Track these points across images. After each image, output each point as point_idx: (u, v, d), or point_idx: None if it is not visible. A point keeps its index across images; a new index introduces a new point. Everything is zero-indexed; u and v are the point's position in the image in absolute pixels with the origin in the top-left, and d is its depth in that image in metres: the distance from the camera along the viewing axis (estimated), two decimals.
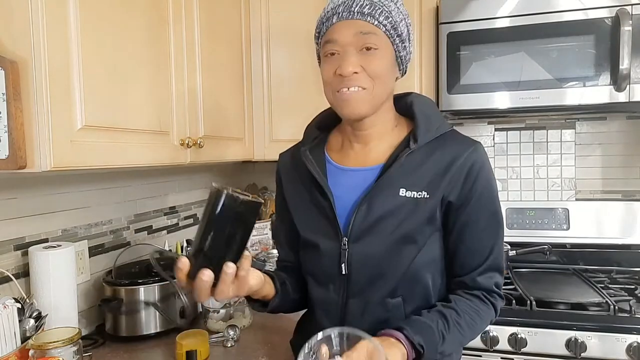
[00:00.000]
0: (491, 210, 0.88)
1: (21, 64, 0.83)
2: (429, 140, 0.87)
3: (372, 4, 0.82)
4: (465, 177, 0.85)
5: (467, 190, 0.85)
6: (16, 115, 0.82)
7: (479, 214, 0.86)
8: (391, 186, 0.85)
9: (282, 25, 1.77)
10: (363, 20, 0.82)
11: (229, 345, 1.25)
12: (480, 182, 0.85)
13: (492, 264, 0.88)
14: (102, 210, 1.43)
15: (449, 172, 0.85)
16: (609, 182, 1.93)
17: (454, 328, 0.82)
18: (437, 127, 0.89)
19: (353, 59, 0.81)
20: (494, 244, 0.88)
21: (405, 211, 0.84)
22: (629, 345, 1.30)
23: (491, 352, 1.40)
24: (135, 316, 1.30)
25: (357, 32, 0.81)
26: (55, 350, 0.96)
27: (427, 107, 0.92)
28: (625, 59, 1.44)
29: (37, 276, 1.13)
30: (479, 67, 1.61)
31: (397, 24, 0.84)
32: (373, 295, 0.86)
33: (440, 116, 0.92)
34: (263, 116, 1.80)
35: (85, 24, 0.94)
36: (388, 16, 0.82)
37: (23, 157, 0.83)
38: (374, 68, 0.82)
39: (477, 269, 0.87)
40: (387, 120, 0.91)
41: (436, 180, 0.85)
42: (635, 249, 1.81)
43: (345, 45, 0.82)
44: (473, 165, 0.85)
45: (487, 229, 0.88)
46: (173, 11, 1.24)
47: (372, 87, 0.83)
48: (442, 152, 0.86)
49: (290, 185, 0.99)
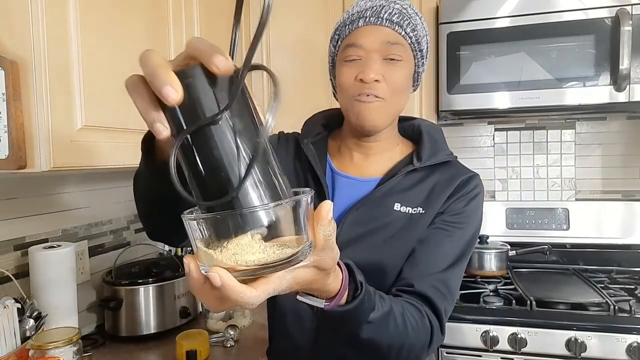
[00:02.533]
0: (465, 232, 0.82)
1: (21, 64, 0.83)
2: (433, 163, 0.84)
3: (400, 14, 0.80)
4: (460, 195, 0.82)
5: (456, 204, 0.82)
6: (16, 115, 0.82)
7: (454, 229, 0.81)
8: (386, 200, 0.82)
9: (282, 28, 1.77)
10: (391, 29, 0.79)
11: (229, 345, 1.26)
12: (470, 205, 0.82)
13: (448, 281, 0.78)
14: (102, 210, 1.43)
15: (447, 189, 0.83)
16: (609, 182, 1.93)
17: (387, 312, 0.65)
18: (443, 154, 0.86)
19: (377, 66, 0.78)
20: (456, 262, 0.79)
21: (399, 226, 0.81)
22: (629, 345, 1.30)
23: (491, 352, 1.40)
24: (135, 316, 1.30)
25: (385, 41, 0.78)
26: (55, 350, 0.96)
27: (434, 132, 0.90)
28: (625, 59, 1.44)
29: (37, 276, 1.13)
30: (479, 67, 1.61)
31: (421, 38, 0.83)
32: None
33: (446, 144, 0.90)
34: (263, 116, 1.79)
35: (85, 24, 0.94)
36: (414, 29, 0.81)
37: (23, 157, 0.83)
38: (395, 79, 0.79)
39: (432, 274, 0.77)
40: (392, 136, 0.89)
41: (433, 197, 0.82)
42: (635, 249, 1.81)
43: (370, 51, 0.79)
44: (470, 188, 0.83)
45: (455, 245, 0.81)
46: (173, 11, 1.24)
47: (390, 98, 0.80)
48: (442, 173, 0.85)
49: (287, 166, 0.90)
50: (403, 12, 0.80)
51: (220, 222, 0.38)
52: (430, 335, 0.72)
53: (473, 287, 1.63)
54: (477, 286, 1.63)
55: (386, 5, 0.80)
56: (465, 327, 1.42)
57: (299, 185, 0.86)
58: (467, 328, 1.42)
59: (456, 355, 1.44)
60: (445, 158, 0.86)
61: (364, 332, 0.61)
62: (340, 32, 0.84)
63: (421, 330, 0.71)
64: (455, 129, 2.06)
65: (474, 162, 2.05)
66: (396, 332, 0.66)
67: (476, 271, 1.73)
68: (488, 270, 1.71)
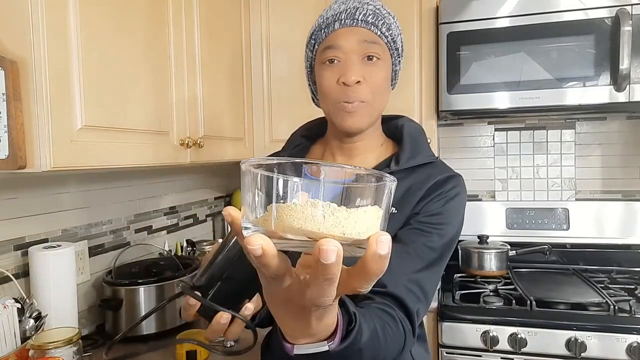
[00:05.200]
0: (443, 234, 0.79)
1: (21, 64, 0.83)
2: (410, 166, 0.84)
3: (375, 14, 0.81)
4: (437, 194, 0.80)
5: (433, 204, 0.80)
6: (16, 115, 0.82)
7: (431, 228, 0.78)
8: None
9: (282, 26, 1.77)
10: (367, 29, 0.80)
11: (229, 346, 1.26)
12: (448, 205, 0.80)
13: (422, 282, 0.75)
14: (102, 210, 1.43)
15: (421, 190, 0.81)
16: (609, 182, 1.93)
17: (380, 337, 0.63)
18: (423, 156, 0.85)
19: (357, 67, 0.79)
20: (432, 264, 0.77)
21: None
22: (629, 345, 1.30)
23: (491, 352, 1.40)
24: (135, 316, 1.30)
25: (362, 40, 0.79)
26: (55, 350, 0.96)
27: (416, 134, 0.89)
28: (625, 59, 1.44)
29: (37, 276, 1.13)
30: (479, 67, 1.61)
31: (396, 37, 0.84)
32: None
33: (427, 146, 0.89)
34: (263, 116, 1.80)
35: (85, 24, 0.94)
36: (389, 28, 0.82)
37: (23, 157, 0.83)
38: (375, 79, 0.80)
39: (405, 274, 0.74)
40: (376, 137, 0.89)
41: (407, 198, 0.81)
42: (635, 249, 1.81)
43: (348, 52, 0.80)
44: (447, 188, 0.81)
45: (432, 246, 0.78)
46: (173, 12, 1.24)
47: (373, 100, 0.81)
48: (420, 173, 0.83)
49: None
50: (377, 13, 0.81)
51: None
52: (403, 340, 0.70)
53: (473, 287, 1.63)
54: (477, 286, 1.63)
55: (360, 7, 0.81)
56: (465, 327, 1.42)
57: None
58: (467, 328, 1.42)
59: (456, 355, 1.44)
60: (424, 160, 0.85)
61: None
62: (316, 36, 0.85)
63: (396, 337, 0.67)
64: (455, 129, 2.06)
65: (474, 162, 2.05)
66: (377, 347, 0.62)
67: (476, 271, 1.73)
68: (488, 270, 1.71)
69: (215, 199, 2.10)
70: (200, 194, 1.97)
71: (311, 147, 0.97)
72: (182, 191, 1.84)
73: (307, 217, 0.33)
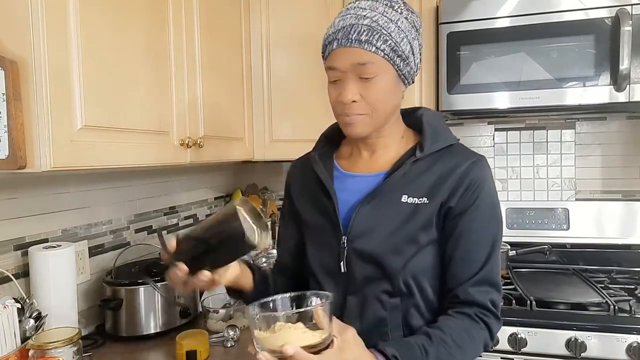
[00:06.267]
0: (486, 223, 0.88)
1: (21, 64, 0.83)
2: (434, 150, 0.89)
3: (369, 30, 0.82)
4: (468, 185, 0.86)
5: (466, 199, 0.86)
6: (16, 115, 0.82)
7: (475, 224, 0.87)
8: (393, 192, 0.88)
9: (282, 26, 1.77)
10: (360, 48, 0.82)
11: (229, 345, 1.26)
12: (480, 194, 0.87)
13: (486, 277, 0.87)
14: (102, 210, 1.43)
15: (450, 179, 0.87)
16: (609, 182, 1.93)
17: (438, 344, 0.79)
18: (444, 139, 0.91)
19: (351, 87, 0.84)
20: (488, 257, 0.87)
21: (405, 216, 0.87)
22: (629, 345, 1.30)
23: (491, 352, 1.40)
24: (135, 316, 1.30)
25: (355, 62, 0.83)
26: (55, 350, 0.96)
27: (435, 120, 0.95)
28: (625, 59, 1.44)
29: (37, 276, 1.13)
30: (479, 67, 1.61)
31: (397, 44, 0.84)
32: (370, 293, 0.89)
33: (447, 129, 0.95)
34: (263, 116, 1.80)
35: (85, 24, 0.94)
36: (387, 39, 0.83)
37: (23, 157, 0.83)
38: (372, 95, 0.85)
39: (469, 279, 0.86)
40: (394, 131, 0.94)
41: (437, 186, 0.87)
42: (635, 249, 1.81)
43: (344, 72, 0.85)
44: (474, 177, 0.87)
45: (481, 241, 0.87)
46: (173, 12, 1.24)
47: (372, 112, 0.86)
48: (445, 161, 0.89)
49: (299, 189, 1.03)
50: (372, 28, 0.82)
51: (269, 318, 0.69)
52: (488, 331, 0.86)
53: None
54: None
55: (355, 24, 0.83)
56: None
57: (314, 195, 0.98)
58: None
59: None
60: (446, 143, 0.91)
61: None
62: (323, 51, 0.91)
63: (477, 335, 0.85)
64: (455, 129, 2.06)
65: None
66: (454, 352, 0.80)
67: None
68: None
69: (215, 199, 2.10)
70: (200, 194, 1.97)
71: (340, 145, 1.03)
72: (182, 191, 1.84)
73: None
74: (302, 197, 1.01)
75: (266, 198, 2.19)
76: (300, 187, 1.03)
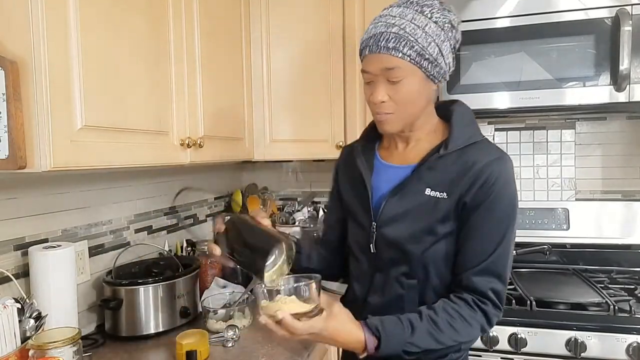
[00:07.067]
0: (500, 218, 0.92)
1: (21, 64, 0.83)
2: (457, 148, 0.95)
3: (397, 37, 0.89)
4: (484, 182, 0.91)
5: (482, 194, 0.91)
6: (16, 115, 0.82)
7: (487, 219, 0.92)
8: (419, 184, 0.96)
9: (282, 26, 1.77)
10: (388, 54, 0.89)
11: (229, 345, 1.26)
12: (495, 190, 0.91)
13: (491, 267, 0.92)
14: (102, 210, 1.43)
15: (468, 174, 0.92)
16: (609, 182, 1.93)
17: (427, 322, 0.89)
18: (469, 137, 0.96)
19: (380, 89, 0.93)
20: (495, 249, 0.92)
21: (427, 208, 0.94)
22: (628, 345, 1.30)
23: (491, 352, 1.40)
24: (135, 316, 1.30)
25: (383, 67, 0.91)
26: (55, 350, 0.96)
27: (465, 117, 1.00)
28: (625, 59, 1.44)
29: (37, 276, 1.13)
30: (479, 67, 1.61)
31: (424, 49, 0.89)
32: (393, 273, 0.99)
33: (474, 126, 1.00)
34: (263, 116, 1.80)
35: (85, 23, 0.94)
36: (413, 45, 0.88)
37: (23, 157, 0.83)
38: (400, 97, 0.92)
39: (473, 268, 0.92)
40: (427, 126, 1.01)
41: (455, 182, 0.93)
42: (635, 249, 1.81)
43: (376, 75, 0.93)
44: (492, 172, 0.91)
45: (490, 234, 0.92)
46: (173, 11, 1.24)
47: (401, 110, 0.94)
48: (467, 157, 0.94)
49: (344, 176, 1.14)
50: (399, 35, 0.89)
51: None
52: (485, 318, 0.92)
53: None
54: None
55: (385, 32, 0.90)
56: None
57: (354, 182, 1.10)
58: None
59: None
60: (469, 141, 0.96)
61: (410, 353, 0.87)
62: (360, 55, 0.98)
63: (470, 319, 0.91)
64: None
65: None
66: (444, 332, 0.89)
67: None
68: None
69: (215, 199, 2.10)
70: (200, 194, 1.97)
71: (383, 137, 1.10)
72: None
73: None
74: (345, 181, 1.13)
75: (266, 198, 2.19)
76: (345, 172, 1.14)
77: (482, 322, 0.92)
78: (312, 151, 1.84)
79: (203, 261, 1.62)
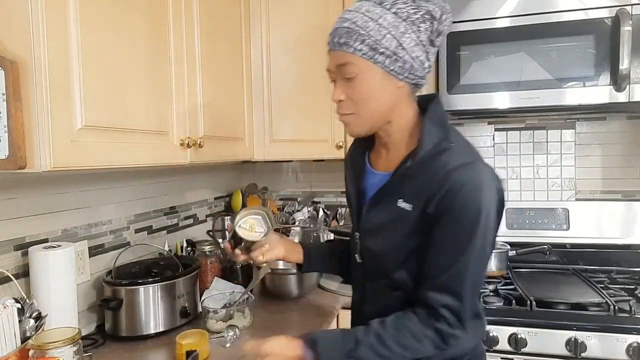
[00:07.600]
0: (462, 231, 0.83)
1: (21, 64, 0.83)
2: (424, 158, 0.86)
3: (348, 32, 0.84)
4: (447, 190, 0.83)
5: (444, 204, 0.83)
6: (16, 115, 0.82)
7: (445, 232, 0.84)
8: (393, 195, 0.90)
9: (282, 26, 1.77)
10: (340, 50, 0.86)
11: (228, 346, 1.26)
12: (457, 200, 0.82)
13: (446, 282, 0.85)
14: (102, 210, 1.43)
15: (432, 183, 0.84)
16: (609, 182, 1.93)
17: (372, 337, 0.85)
18: (438, 142, 0.87)
19: (337, 88, 0.90)
20: (453, 265, 0.84)
21: (399, 221, 0.89)
22: (629, 345, 1.30)
23: (491, 352, 1.40)
24: (135, 316, 1.30)
25: (336, 64, 0.88)
26: (55, 350, 0.96)
27: (435, 120, 0.90)
28: (625, 59, 1.44)
29: (37, 276, 1.13)
30: (479, 67, 1.61)
31: (377, 42, 0.83)
32: (380, 283, 0.97)
33: (443, 132, 0.89)
34: (263, 116, 1.80)
35: (85, 24, 0.94)
36: (364, 39, 0.83)
37: (23, 157, 0.83)
38: (356, 95, 0.88)
39: (428, 282, 0.87)
40: (401, 129, 0.93)
41: (421, 193, 0.86)
42: (635, 249, 1.81)
43: (333, 74, 0.91)
44: (457, 180, 0.82)
45: (448, 248, 0.85)
46: (173, 11, 1.24)
47: (359, 109, 0.89)
48: (435, 162, 0.86)
49: (347, 177, 1.12)
50: (350, 29, 0.84)
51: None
52: (438, 335, 0.85)
53: None
54: None
55: (338, 28, 0.86)
56: None
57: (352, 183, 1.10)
58: None
59: None
60: (439, 147, 0.87)
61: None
62: None
63: (419, 333, 0.85)
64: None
65: None
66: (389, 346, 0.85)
67: None
68: (488, 270, 1.71)
69: (215, 199, 2.10)
70: (200, 194, 1.97)
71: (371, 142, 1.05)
72: (182, 191, 1.84)
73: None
74: (347, 182, 1.11)
75: (266, 198, 2.19)
76: (347, 173, 1.11)
77: (434, 339, 0.85)
78: (312, 151, 1.84)
79: (203, 261, 1.62)
